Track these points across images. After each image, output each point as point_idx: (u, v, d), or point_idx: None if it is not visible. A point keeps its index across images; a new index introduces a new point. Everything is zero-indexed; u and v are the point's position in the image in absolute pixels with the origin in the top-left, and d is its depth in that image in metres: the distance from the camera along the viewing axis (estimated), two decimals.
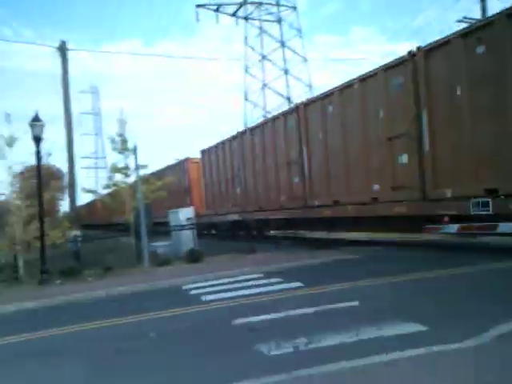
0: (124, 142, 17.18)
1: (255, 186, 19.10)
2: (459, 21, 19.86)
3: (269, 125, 18.18)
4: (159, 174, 29.22)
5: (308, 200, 15.43)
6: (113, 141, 17.61)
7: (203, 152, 24.43)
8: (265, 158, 18.23)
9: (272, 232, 23.03)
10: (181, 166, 27.25)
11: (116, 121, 17.39)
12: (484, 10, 19.89)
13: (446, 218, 10.07)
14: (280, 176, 17.19)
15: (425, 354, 4.44)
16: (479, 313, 5.81)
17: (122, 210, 17.74)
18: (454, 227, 10.11)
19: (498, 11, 9.60)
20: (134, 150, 14.52)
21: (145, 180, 17.40)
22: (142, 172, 17.49)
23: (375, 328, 5.55)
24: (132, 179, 16.14)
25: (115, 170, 18.56)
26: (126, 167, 17.34)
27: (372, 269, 10.03)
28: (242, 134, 20.58)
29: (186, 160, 26.54)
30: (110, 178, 19.32)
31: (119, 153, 17.47)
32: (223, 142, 21.73)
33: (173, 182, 26.71)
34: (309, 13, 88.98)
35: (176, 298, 9.13)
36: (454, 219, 10.26)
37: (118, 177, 18.15)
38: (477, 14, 19.92)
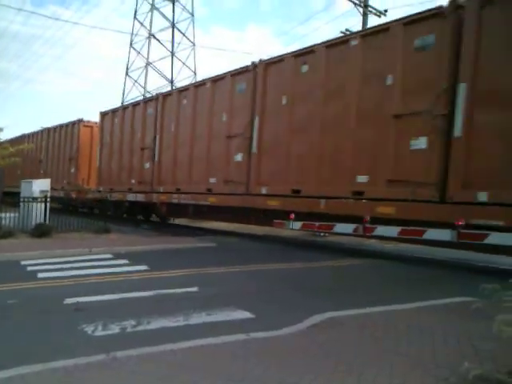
0: None
1: None
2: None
3: (128, 110, 18.43)
4: (36, 136, 25.88)
5: (154, 186, 16.28)
6: None
7: (104, 115, 20.07)
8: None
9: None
10: (69, 129, 22.71)
11: None
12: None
13: (292, 215, 10.68)
14: (134, 160, 17.58)
15: (243, 339, 4.64)
16: (302, 304, 6.26)
17: None
18: (297, 224, 10.78)
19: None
20: None
21: None
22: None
23: (205, 314, 5.68)
24: None
25: None
26: None
27: (221, 257, 10.31)
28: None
29: (78, 122, 22.04)
30: None
31: None
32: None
33: (56, 148, 23.16)
34: (210, 4, 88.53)
35: (10, 273, 8.39)
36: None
37: None
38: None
